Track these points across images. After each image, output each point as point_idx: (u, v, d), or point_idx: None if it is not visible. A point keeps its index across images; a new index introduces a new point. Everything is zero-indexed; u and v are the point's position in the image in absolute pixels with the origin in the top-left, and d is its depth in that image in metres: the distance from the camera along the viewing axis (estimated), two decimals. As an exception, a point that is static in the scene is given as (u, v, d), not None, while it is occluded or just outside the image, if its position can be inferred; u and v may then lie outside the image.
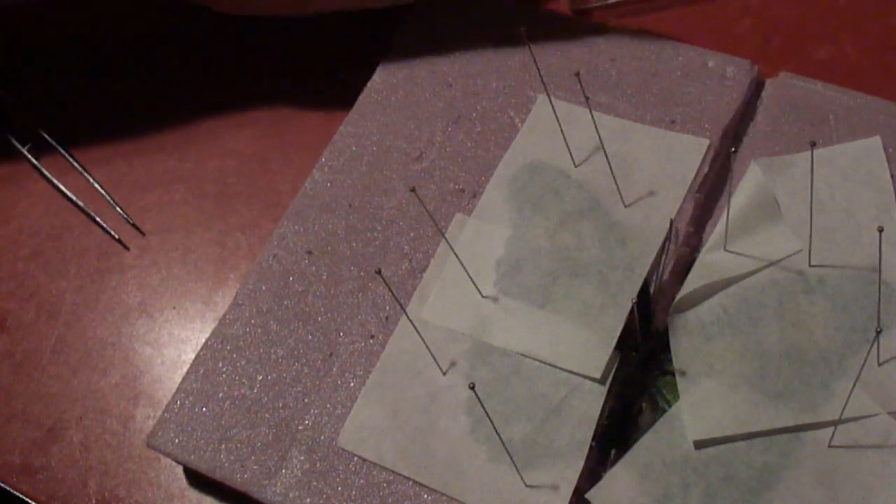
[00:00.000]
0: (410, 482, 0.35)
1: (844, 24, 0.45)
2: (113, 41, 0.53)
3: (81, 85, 0.52)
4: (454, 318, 0.38)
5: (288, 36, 0.51)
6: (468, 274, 0.38)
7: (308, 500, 0.36)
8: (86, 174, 0.48)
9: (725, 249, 0.38)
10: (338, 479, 0.36)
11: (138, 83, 0.51)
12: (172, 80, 0.51)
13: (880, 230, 0.32)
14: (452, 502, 0.35)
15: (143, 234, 0.46)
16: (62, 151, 0.49)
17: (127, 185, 0.48)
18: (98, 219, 0.47)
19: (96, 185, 0.48)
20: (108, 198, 0.47)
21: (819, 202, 0.38)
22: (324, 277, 0.41)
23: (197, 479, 0.39)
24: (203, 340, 0.40)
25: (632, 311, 0.36)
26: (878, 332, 0.31)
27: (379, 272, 0.34)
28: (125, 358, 0.43)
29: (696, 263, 0.38)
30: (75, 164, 0.48)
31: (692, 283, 0.37)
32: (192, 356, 0.40)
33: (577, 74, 0.37)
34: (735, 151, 0.39)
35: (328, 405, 0.38)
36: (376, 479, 0.36)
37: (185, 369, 0.40)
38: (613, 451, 0.35)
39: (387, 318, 0.39)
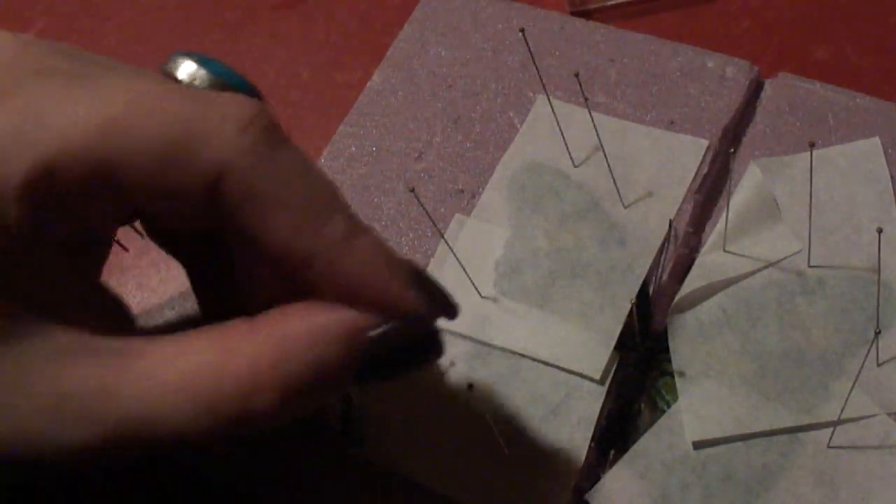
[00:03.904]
0: (409, 482, 0.35)
1: (844, 24, 0.45)
2: (112, 42, 0.53)
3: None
4: (453, 318, 0.38)
5: (287, 37, 0.51)
6: (467, 274, 0.38)
7: (305, 499, 0.36)
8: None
9: (725, 250, 0.38)
10: (337, 478, 0.36)
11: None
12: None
13: (879, 231, 0.32)
14: (451, 502, 0.35)
15: (141, 235, 0.46)
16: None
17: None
18: (98, 219, 0.47)
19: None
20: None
21: (818, 203, 0.38)
22: (323, 278, 0.41)
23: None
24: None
25: (631, 311, 0.36)
26: (878, 333, 0.31)
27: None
28: (125, 358, 0.43)
29: (696, 264, 0.38)
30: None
31: (691, 283, 0.37)
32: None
33: (577, 75, 0.37)
34: (734, 152, 0.39)
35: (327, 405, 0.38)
36: (374, 479, 0.36)
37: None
38: (612, 452, 0.35)
39: (386, 319, 0.39)
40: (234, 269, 0.30)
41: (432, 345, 0.28)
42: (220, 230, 0.28)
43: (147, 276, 0.45)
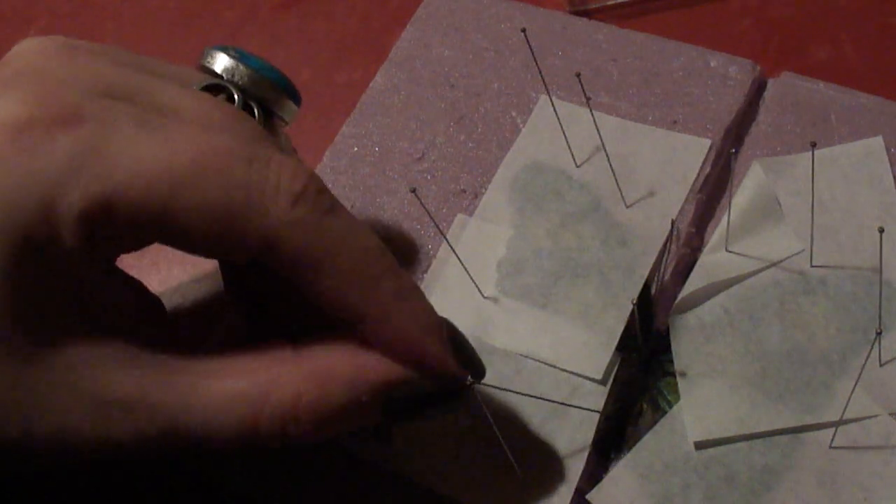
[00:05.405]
0: (409, 482, 0.35)
1: (844, 24, 0.45)
2: (112, 42, 0.53)
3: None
4: (456, 318, 0.38)
5: (287, 37, 0.51)
6: (469, 275, 0.38)
7: (305, 499, 0.36)
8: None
9: (727, 250, 0.38)
10: (336, 478, 0.36)
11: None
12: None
13: (881, 231, 0.32)
14: (452, 502, 0.35)
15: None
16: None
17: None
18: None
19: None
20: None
21: (820, 202, 0.38)
22: (325, 278, 0.40)
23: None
24: (201, 343, 0.40)
25: (633, 311, 0.36)
26: (879, 333, 0.31)
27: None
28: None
29: (698, 264, 0.38)
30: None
31: (693, 283, 0.37)
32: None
33: (578, 75, 0.37)
34: (736, 152, 0.39)
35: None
36: (374, 479, 0.36)
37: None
38: (614, 452, 0.35)
39: (388, 319, 0.39)
40: (272, 291, 0.32)
41: (457, 397, 0.31)
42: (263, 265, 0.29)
43: (147, 276, 0.45)
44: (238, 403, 0.27)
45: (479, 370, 0.31)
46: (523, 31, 0.38)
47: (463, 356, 0.30)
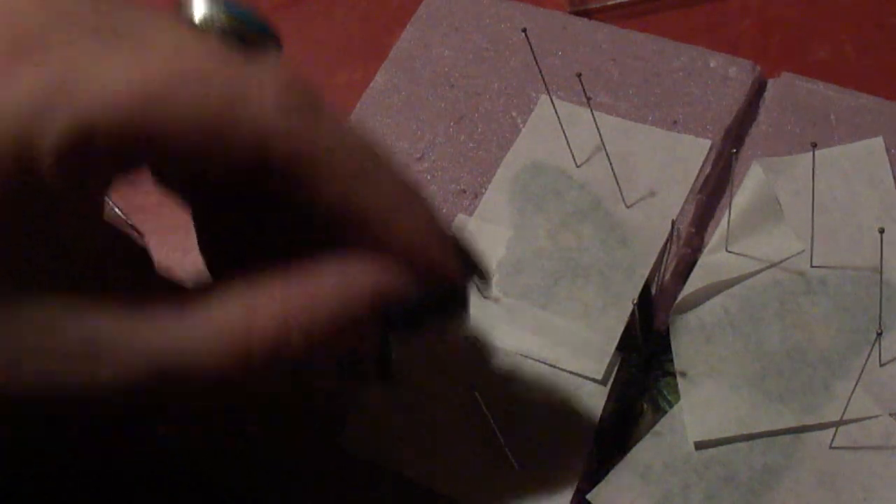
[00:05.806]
0: (410, 482, 0.35)
1: (844, 24, 0.45)
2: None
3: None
4: (455, 318, 0.38)
5: (287, 37, 0.51)
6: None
7: (305, 499, 0.36)
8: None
9: (727, 250, 0.38)
10: (336, 478, 0.36)
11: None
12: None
13: (881, 231, 0.32)
14: (452, 503, 0.35)
15: (141, 234, 0.46)
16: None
17: (125, 184, 0.47)
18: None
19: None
20: (107, 198, 0.47)
21: (821, 203, 0.38)
22: (325, 278, 0.40)
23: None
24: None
25: (633, 312, 0.36)
26: (880, 334, 0.31)
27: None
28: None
29: (698, 264, 0.38)
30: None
31: (694, 283, 0.37)
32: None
33: (579, 75, 0.37)
34: (736, 152, 0.39)
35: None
36: (376, 479, 0.36)
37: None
38: (614, 453, 0.35)
39: (388, 319, 0.39)
40: (254, 219, 0.30)
41: (460, 301, 0.29)
42: (250, 184, 0.27)
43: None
44: (225, 330, 0.26)
45: (482, 273, 0.29)
46: (523, 31, 0.38)
47: (467, 261, 0.29)
